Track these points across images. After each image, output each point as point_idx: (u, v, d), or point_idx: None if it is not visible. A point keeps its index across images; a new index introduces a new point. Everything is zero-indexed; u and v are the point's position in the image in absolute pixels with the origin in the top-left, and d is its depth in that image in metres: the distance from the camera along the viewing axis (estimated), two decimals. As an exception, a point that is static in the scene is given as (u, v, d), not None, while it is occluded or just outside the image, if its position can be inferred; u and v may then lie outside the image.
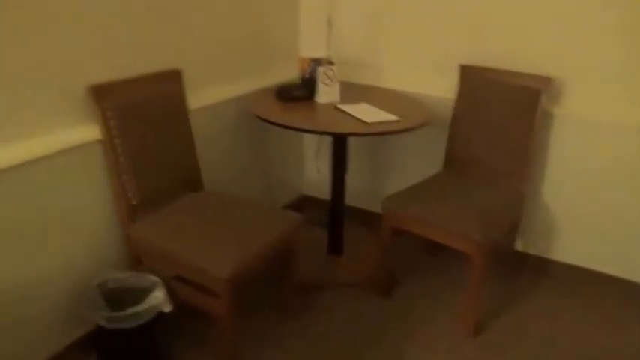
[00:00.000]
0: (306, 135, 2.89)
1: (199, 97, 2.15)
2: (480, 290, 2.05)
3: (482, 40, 2.32)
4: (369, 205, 2.78)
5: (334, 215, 2.48)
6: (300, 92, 2.30)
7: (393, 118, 2.08)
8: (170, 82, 2.00)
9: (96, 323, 1.71)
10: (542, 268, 2.48)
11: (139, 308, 1.69)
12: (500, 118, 2.26)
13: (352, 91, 2.44)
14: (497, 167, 2.28)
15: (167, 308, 1.74)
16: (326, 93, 2.28)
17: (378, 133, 2.01)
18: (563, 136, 2.26)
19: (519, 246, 2.50)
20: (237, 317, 1.83)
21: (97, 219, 1.85)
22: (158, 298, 1.73)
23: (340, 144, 2.34)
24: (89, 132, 1.74)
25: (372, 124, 2.01)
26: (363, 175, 2.82)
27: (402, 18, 2.47)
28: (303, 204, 2.99)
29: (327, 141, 2.51)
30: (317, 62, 2.33)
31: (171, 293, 1.79)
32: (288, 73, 2.56)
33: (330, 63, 2.32)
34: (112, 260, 1.92)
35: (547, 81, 2.15)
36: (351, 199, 2.72)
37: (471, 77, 2.32)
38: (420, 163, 2.60)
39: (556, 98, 2.23)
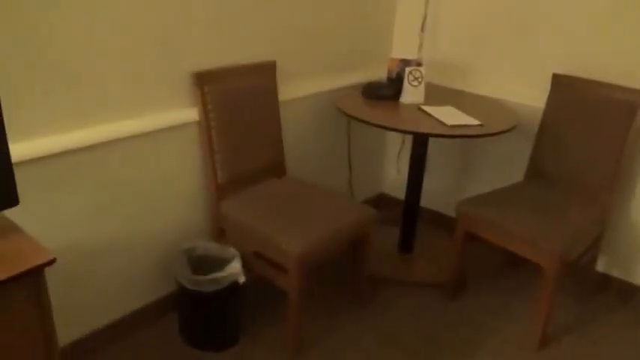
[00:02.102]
0: (389, 134, 2.95)
1: (291, 89, 2.30)
2: (550, 305, 2.00)
3: (577, 50, 2.25)
4: (446, 209, 2.79)
5: (407, 213, 2.53)
6: (385, 91, 2.37)
7: (475, 122, 2.09)
8: (265, 73, 2.16)
9: (179, 285, 1.92)
10: (626, 292, 2.35)
11: (217, 275, 1.86)
12: (591, 130, 2.19)
13: (440, 94, 2.48)
14: (584, 181, 2.20)
15: (242, 279, 1.91)
16: (411, 93, 2.34)
17: (456, 136, 2.03)
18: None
19: (601, 266, 2.39)
20: (306, 297, 1.94)
21: (189, 192, 2.06)
22: (235, 269, 1.90)
23: (419, 144, 2.39)
24: (190, 113, 1.94)
25: (452, 126, 2.04)
26: (442, 179, 2.84)
27: (496, 24, 2.46)
28: (380, 202, 3.05)
29: (410, 141, 2.56)
30: (405, 63, 2.38)
31: (248, 266, 1.95)
32: (378, 73, 2.64)
33: (418, 64, 2.37)
34: (200, 230, 2.13)
35: (645, 95, 2.05)
36: (428, 201, 2.76)
37: (564, 87, 2.26)
38: (501, 170, 2.57)
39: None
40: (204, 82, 1.93)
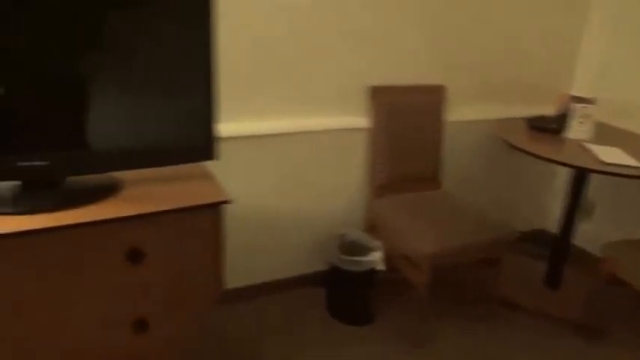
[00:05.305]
0: (557, 170, 2.96)
1: (458, 112, 2.54)
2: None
3: None
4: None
5: (556, 247, 2.54)
6: (550, 125, 2.44)
7: (636, 163, 2.07)
8: (434, 95, 2.44)
9: (329, 264, 2.29)
10: None
11: (360, 258, 2.19)
12: None
13: (610, 135, 2.46)
14: None
15: (380, 267, 2.20)
16: (576, 130, 2.38)
17: (607, 173, 2.00)
18: None
19: None
20: (431, 295, 2.14)
21: (352, 187, 2.43)
22: (376, 257, 2.21)
23: (575, 179, 2.40)
24: (363, 120, 2.32)
25: (608, 164, 2.05)
26: (609, 223, 2.75)
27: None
28: (541, 237, 3.05)
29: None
30: (576, 100, 2.42)
31: (389, 259, 2.24)
32: (544, 108, 2.70)
33: (590, 102, 2.39)
34: (355, 222, 2.49)
35: None
36: (588, 241, 2.72)
37: None
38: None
39: None
40: (378, 95, 2.29)
